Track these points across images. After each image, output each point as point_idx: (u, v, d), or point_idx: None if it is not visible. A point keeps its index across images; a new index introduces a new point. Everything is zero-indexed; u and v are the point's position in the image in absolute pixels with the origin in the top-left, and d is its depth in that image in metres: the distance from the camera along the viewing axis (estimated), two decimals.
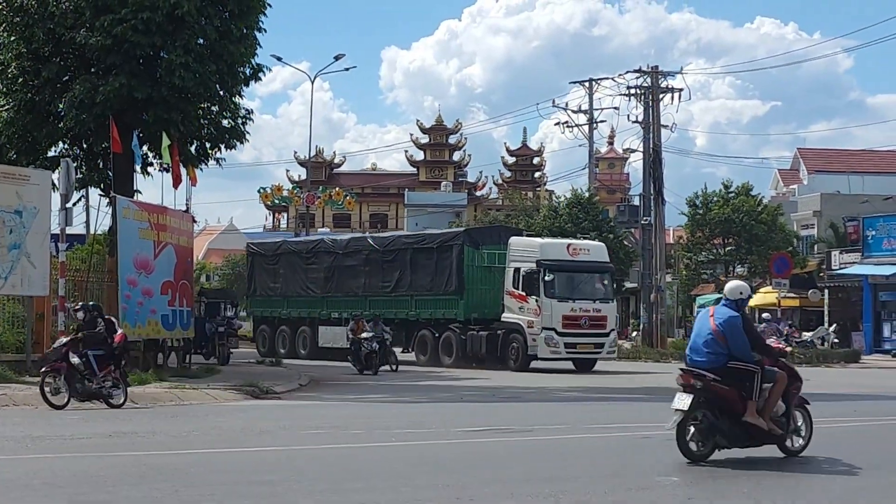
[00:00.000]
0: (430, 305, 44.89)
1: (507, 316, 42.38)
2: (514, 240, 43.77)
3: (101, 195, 34.82)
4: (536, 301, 41.35)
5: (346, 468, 14.19)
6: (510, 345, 42.12)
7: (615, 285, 45.90)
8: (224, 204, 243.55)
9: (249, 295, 54.02)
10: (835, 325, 60.05)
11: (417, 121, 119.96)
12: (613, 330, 43.18)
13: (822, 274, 68.08)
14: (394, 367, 39.16)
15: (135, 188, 33.83)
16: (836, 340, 57.00)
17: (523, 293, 41.71)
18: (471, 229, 52.06)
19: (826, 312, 65.86)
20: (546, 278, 41.32)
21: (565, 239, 48.50)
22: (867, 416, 23.13)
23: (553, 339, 41.09)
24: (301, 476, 13.40)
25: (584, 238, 50.33)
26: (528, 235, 47.25)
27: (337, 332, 46.27)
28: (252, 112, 35.29)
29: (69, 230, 30.97)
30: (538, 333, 41.19)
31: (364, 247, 48.46)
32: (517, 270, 41.98)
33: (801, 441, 15.53)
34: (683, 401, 14.56)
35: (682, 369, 15.00)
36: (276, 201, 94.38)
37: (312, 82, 73.61)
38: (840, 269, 64.97)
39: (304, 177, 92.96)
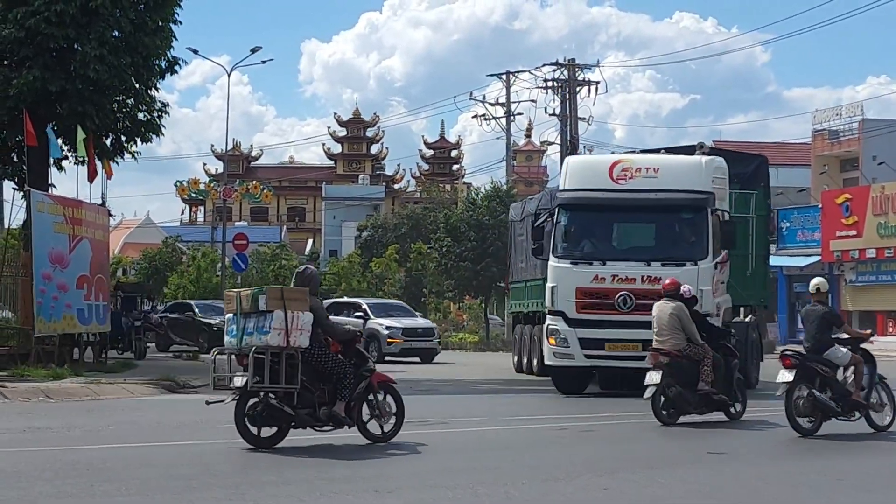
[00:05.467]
0: None
1: None
2: (570, 159, 27.07)
3: (15, 189, 34.37)
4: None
5: (259, 463, 14.18)
6: None
7: (720, 232, 24.69)
8: (141, 197, 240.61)
9: (511, 281, 38.31)
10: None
11: (335, 114, 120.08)
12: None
13: None
14: None
15: (49, 182, 33.48)
16: None
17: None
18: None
19: None
20: (557, 223, 25.08)
21: (613, 155, 28.18)
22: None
23: (559, 332, 24.56)
24: (216, 470, 13.38)
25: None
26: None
27: None
28: (168, 105, 35.03)
29: None
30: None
31: None
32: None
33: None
34: None
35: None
36: (193, 195, 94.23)
37: (229, 75, 72.91)
38: None
39: (221, 170, 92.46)
